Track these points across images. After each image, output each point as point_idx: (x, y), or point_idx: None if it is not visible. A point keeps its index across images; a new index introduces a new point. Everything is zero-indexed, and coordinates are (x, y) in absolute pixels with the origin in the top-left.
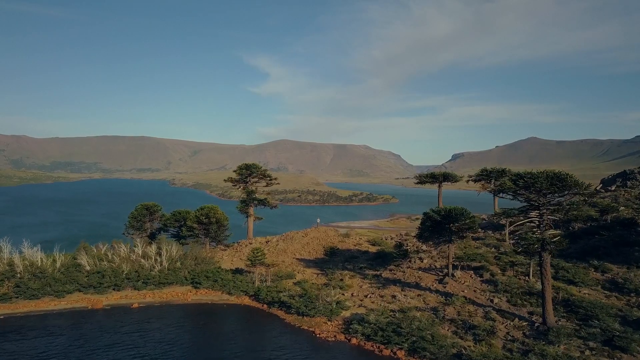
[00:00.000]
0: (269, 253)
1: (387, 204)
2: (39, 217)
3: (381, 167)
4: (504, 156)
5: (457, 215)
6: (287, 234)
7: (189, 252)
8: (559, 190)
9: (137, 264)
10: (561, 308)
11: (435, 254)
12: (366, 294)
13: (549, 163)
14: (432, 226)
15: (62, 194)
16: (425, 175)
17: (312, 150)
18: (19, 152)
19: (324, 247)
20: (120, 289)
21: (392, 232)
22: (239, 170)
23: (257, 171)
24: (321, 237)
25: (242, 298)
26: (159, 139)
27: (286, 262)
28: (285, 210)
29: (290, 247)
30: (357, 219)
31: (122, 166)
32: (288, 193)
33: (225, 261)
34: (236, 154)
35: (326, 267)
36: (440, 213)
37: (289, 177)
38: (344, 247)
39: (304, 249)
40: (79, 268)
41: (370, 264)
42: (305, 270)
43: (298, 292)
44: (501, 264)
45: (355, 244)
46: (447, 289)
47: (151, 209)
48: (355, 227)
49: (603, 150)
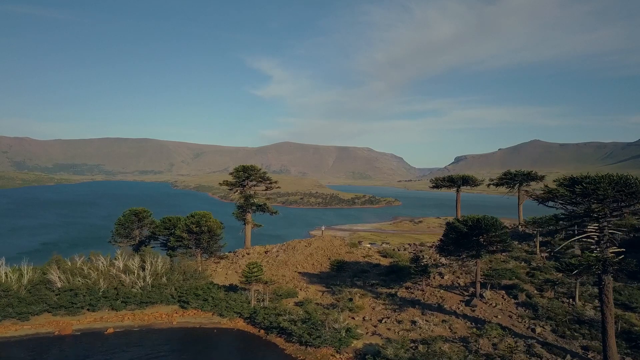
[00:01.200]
0: (268, 265)
1: (390, 206)
2: (39, 219)
3: (384, 170)
4: (507, 159)
5: (487, 226)
6: (289, 243)
7: (177, 266)
8: (627, 198)
9: (116, 279)
10: (623, 342)
11: (457, 268)
12: (380, 318)
13: (552, 166)
14: (457, 238)
15: (63, 196)
16: (442, 178)
17: (315, 152)
18: (22, 154)
19: (329, 259)
20: (95, 309)
21: (394, 235)
22: (236, 173)
23: (255, 174)
24: (326, 246)
25: (236, 321)
26: (161, 142)
27: (287, 276)
28: (287, 212)
29: (291, 259)
30: (360, 221)
31: (124, 168)
32: (290, 195)
33: (219, 274)
34: (239, 156)
35: (333, 284)
36: (467, 223)
37: (291, 180)
38: (352, 258)
39: (307, 260)
40: (49, 285)
41: (383, 279)
42: (309, 286)
43: (300, 316)
44: (536, 282)
45: (365, 255)
46: (477, 314)
47: (140, 214)
48: (358, 229)
49: (606, 153)
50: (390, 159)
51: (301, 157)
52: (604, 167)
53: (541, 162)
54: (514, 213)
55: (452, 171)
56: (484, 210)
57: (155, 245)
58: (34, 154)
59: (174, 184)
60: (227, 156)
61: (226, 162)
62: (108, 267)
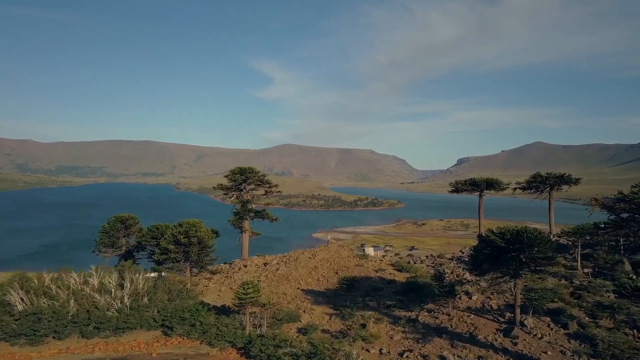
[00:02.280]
0: (267, 281)
1: (393, 208)
2: (40, 221)
3: (386, 172)
4: (510, 161)
5: (529, 240)
6: (291, 254)
7: (161, 283)
8: None
9: (89, 300)
10: None
11: (486, 287)
12: (401, 351)
13: (555, 168)
14: (493, 255)
15: (65, 198)
16: (463, 182)
17: (317, 154)
18: (24, 156)
19: (336, 273)
20: (62, 337)
21: (397, 238)
22: (232, 176)
23: (253, 176)
24: (332, 258)
25: (228, 351)
26: (163, 144)
27: (288, 294)
28: (289, 215)
29: (293, 273)
30: (362, 224)
31: (127, 170)
32: (292, 198)
33: (212, 291)
34: (241, 158)
35: (341, 305)
36: (505, 237)
37: (293, 182)
38: (362, 273)
39: (311, 275)
40: (8, 308)
41: (400, 299)
42: (314, 307)
43: (304, 350)
44: (585, 306)
45: (377, 269)
46: (520, 348)
47: (127, 222)
48: (360, 232)
49: (610, 155)
50: (392, 160)
51: (303, 159)
52: (607, 168)
53: (544, 164)
54: (524, 215)
55: (454, 173)
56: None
57: (142, 256)
58: (37, 157)
59: (176, 186)
60: (229, 158)
61: (228, 164)
62: (81, 285)
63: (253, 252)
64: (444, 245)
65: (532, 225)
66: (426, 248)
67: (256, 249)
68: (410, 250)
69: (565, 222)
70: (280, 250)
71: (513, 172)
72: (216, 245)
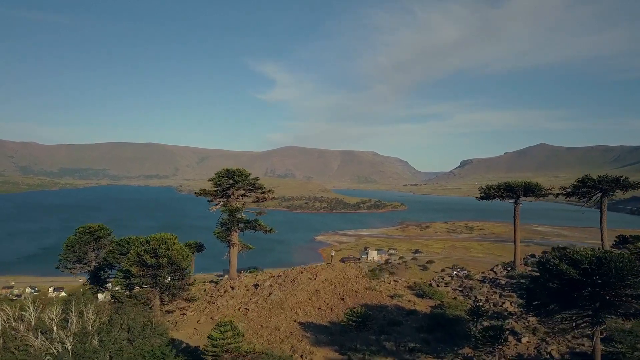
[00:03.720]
0: (257, 309)
1: (396, 211)
2: (40, 224)
3: (389, 174)
4: (513, 162)
5: (619, 270)
6: (287, 273)
7: (118, 318)
8: None
9: (21, 343)
10: None
11: (536, 324)
12: None
13: (559, 170)
14: (562, 291)
15: (67, 200)
16: (496, 187)
17: (320, 156)
18: (27, 158)
19: (342, 299)
20: None
21: (401, 241)
22: (218, 179)
23: (243, 180)
24: (337, 279)
25: None
26: (166, 146)
27: (282, 329)
28: (291, 217)
29: (290, 298)
30: (365, 226)
31: (129, 173)
32: (295, 200)
33: (188, 323)
34: (244, 161)
35: (349, 346)
36: (580, 265)
37: (296, 184)
38: (374, 299)
39: (312, 301)
40: None
41: (425, 339)
42: (314, 351)
43: None
44: None
45: (392, 294)
46: None
47: (96, 233)
48: (363, 235)
49: (614, 156)
50: (395, 162)
51: (306, 161)
52: (611, 170)
53: (547, 166)
54: (529, 218)
55: (458, 175)
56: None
57: (114, 274)
58: (40, 159)
59: (178, 188)
60: (232, 160)
61: (231, 167)
62: (15, 321)
63: (252, 256)
64: (448, 249)
65: (535, 227)
66: (430, 251)
67: (257, 252)
68: (415, 254)
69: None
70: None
71: (517, 174)
72: (217, 254)
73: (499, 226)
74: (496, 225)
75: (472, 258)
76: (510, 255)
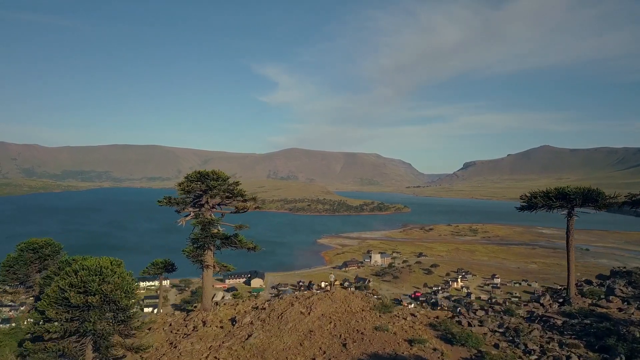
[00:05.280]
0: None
1: (399, 213)
2: (40, 226)
3: (392, 176)
4: (517, 164)
5: None
6: (273, 306)
7: None
8: None
9: None
10: None
11: None
12: None
13: (563, 171)
14: None
15: (69, 202)
16: (544, 193)
17: (322, 158)
18: (31, 160)
19: (344, 345)
20: None
21: (405, 243)
22: (187, 184)
23: (220, 185)
24: (338, 315)
25: None
26: (169, 148)
27: None
28: (293, 219)
29: (274, 343)
30: (368, 229)
31: (132, 175)
32: (297, 202)
33: None
34: (246, 163)
35: None
36: None
37: (298, 186)
38: (386, 345)
39: (303, 347)
40: None
41: None
42: None
43: None
44: None
45: (410, 337)
46: None
47: (41, 250)
48: (367, 237)
49: (618, 158)
50: (398, 164)
51: (309, 163)
52: (615, 172)
53: (551, 167)
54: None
55: (461, 177)
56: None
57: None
58: (43, 161)
59: None
60: (234, 162)
61: (234, 169)
62: None
63: (252, 259)
64: (452, 251)
65: (540, 230)
66: (434, 254)
67: (257, 255)
68: (419, 257)
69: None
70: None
71: (520, 176)
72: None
73: (503, 228)
74: (500, 227)
75: (477, 261)
76: (515, 259)
